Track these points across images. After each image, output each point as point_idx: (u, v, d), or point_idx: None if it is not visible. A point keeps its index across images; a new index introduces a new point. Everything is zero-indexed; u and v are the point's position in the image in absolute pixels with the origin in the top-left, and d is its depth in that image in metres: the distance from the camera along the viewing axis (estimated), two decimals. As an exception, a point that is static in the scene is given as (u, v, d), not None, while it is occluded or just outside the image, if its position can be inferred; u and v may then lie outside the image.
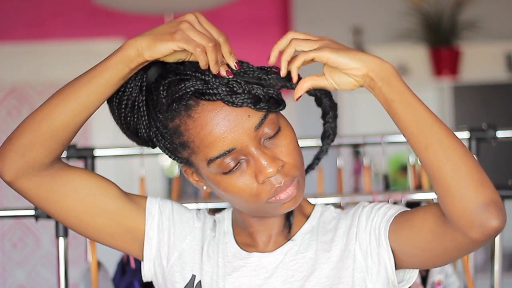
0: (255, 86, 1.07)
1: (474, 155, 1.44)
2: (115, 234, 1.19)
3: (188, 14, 1.07)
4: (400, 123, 1.04)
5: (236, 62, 1.08)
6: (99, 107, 1.11)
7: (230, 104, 1.06)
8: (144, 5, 2.69)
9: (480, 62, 4.13)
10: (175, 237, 1.22)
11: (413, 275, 1.17)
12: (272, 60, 1.09)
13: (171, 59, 1.08)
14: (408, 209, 1.15)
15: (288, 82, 1.09)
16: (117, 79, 1.08)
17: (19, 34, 4.29)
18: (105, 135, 4.09)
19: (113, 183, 1.19)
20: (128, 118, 1.13)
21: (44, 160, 1.11)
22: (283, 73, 1.08)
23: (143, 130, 1.13)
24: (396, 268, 1.15)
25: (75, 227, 1.18)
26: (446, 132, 1.02)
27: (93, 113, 1.12)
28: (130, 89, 1.12)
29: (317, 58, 1.04)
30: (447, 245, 1.05)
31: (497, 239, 1.62)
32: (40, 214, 1.56)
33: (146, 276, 1.23)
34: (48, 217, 1.52)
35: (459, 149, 1.01)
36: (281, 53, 1.09)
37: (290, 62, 1.08)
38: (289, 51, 1.07)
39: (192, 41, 1.04)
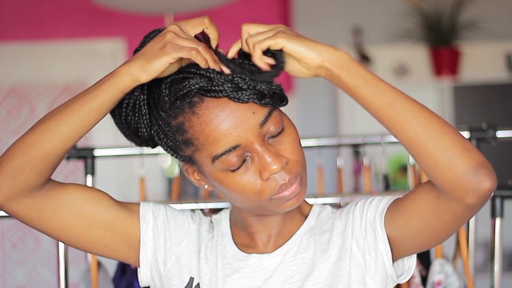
0: (258, 81, 1.07)
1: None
2: (111, 244, 1.18)
3: (170, 25, 1.07)
4: (369, 106, 1.04)
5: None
6: (90, 129, 1.10)
7: (236, 100, 1.06)
8: (144, 5, 2.69)
9: (480, 62, 4.13)
10: (171, 241, 1.21)
11: (412, 264, 1.17)
12: (231, 55, 1.09)
13: (165, 74, 1.08)
14: (399, 196, 1.16)
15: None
16: (110, 104, 1.08)
17: (19, 34, 4.29)
18: (105, 135, 4.08)
19: (104, 193, 1.18)
20: (129, 118, 1.13)
21: (35, 182, 1.10)
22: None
23: (144, 129, 1.13)
24: (397, 258, 1.15)
25: (70, 241, 1.17)
26: (419, 106, 1.03)
27: (85, 135, 1.11)
28: (132, 89, 1.11)
29: (273, 45, 1.04)
30: (445, 217, 1.06)
31: (497, 239, 1.62)
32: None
33: (143, 282, 1.23)
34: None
35: (436, 120, 1.02)
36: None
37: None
38: (249, 48, 1.07)
39: (183, 47, 1.05)
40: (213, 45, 1.10)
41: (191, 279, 1.19)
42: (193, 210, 1.29)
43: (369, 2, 4.25)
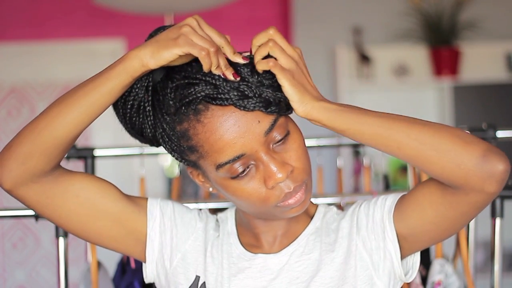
0: (264, 89, 1.06)
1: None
2: (117, 237, 1.18)
3: (188, 18, 1.06)
4: (362, 142, 1.06)
5: (242, 58, 1.08)
6: (100, 115, 1.10)
7: (242, 108, 1.05)
8: (144, 5, 2.69)
9: (480, 62, 4.13)
10: (178, 238, 1.21)
11: (416, 261, 1.17)
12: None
13: (175, 64, 1.07)
14: (404, 193, 1.15)
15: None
16: (120, 88, 1.07)
17: (19, 34, 4.29)
18: (105, 135, 4.10)
19: (113, 185, 1.18)
20: (134, 119, 1.13)
21: (44, 168, 1.10)
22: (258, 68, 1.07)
23: (149, 130, 1.13)
24: (406, 256, 1.15)
25: (76, 231, 1.17)
26: (407, 122, 1.03)
27: (94, 121, 1.11)
28: (137, 90, 1.11)
29: (277, 76, 1.05)
30: (463, 209, 1.05)
31: (497, 239, 1.63)
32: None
33: (148, 278, 1.23)
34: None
35: (427, 128, 1.03)
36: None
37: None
38: (263, 52, 1.06)
39: (196, 45, 1.04)
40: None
41: (197, 277, 1.19)
42: None
43: (369, 2, 4.25)
